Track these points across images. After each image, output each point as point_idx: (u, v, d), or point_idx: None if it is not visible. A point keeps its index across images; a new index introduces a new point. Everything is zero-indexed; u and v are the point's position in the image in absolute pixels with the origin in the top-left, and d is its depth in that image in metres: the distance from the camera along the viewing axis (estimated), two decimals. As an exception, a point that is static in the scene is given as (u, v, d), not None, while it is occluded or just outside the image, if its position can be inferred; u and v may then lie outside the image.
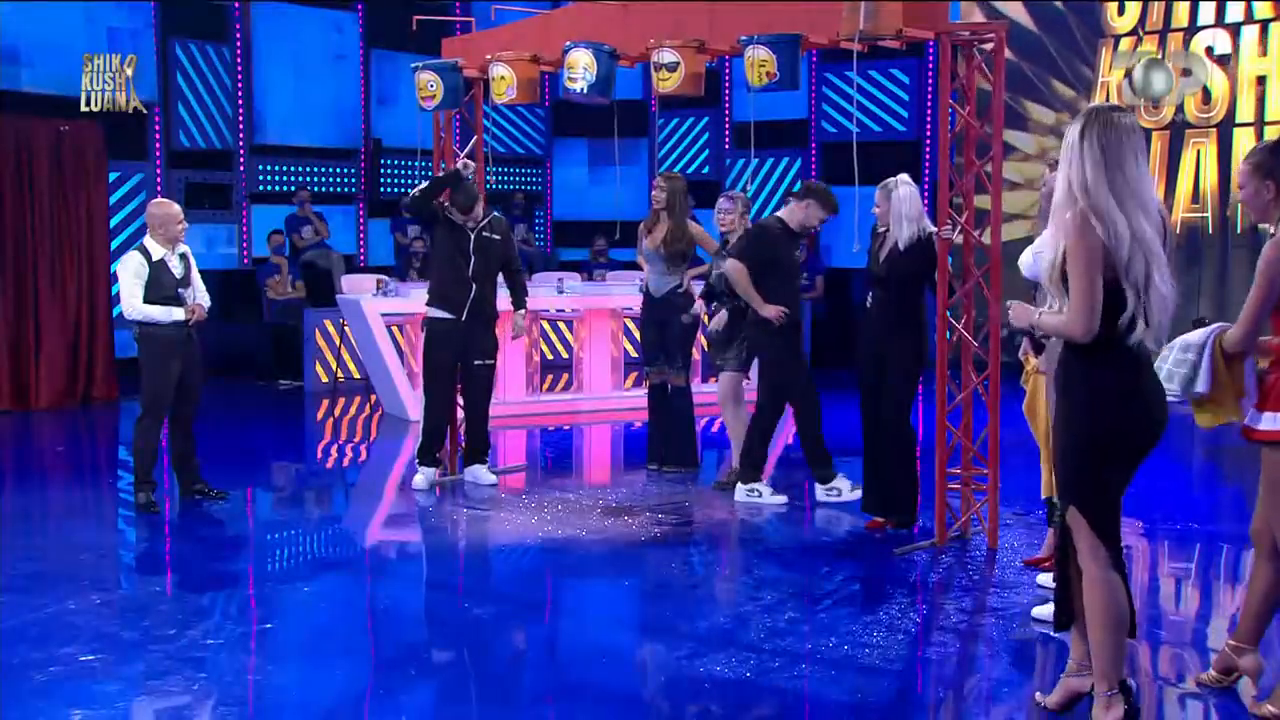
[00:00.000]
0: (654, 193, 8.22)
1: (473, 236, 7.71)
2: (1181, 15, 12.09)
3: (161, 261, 7.12)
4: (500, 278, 7.97)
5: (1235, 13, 11.55)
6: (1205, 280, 11.97)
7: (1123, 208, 3.70)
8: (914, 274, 6.58)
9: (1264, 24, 11.13)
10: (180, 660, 4.81)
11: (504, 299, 8.06)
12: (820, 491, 7.45)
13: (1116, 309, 3.71)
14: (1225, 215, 12.10)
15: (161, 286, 7.11)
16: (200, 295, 7.28)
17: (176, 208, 7.28)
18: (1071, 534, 3.93)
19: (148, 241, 7.18)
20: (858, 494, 7.12)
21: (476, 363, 7.80)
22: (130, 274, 7.08)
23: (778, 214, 7.47)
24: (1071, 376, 3.88)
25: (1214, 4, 11.78)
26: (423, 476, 7.82)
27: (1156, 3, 12.47)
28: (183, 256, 7.23)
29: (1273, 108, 11.63)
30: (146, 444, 7.18)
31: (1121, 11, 12.63)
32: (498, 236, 7.82)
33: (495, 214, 7.94)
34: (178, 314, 7.10)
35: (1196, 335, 4.16)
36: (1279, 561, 4.23)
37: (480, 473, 7.96)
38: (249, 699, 4.48)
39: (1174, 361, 4.18)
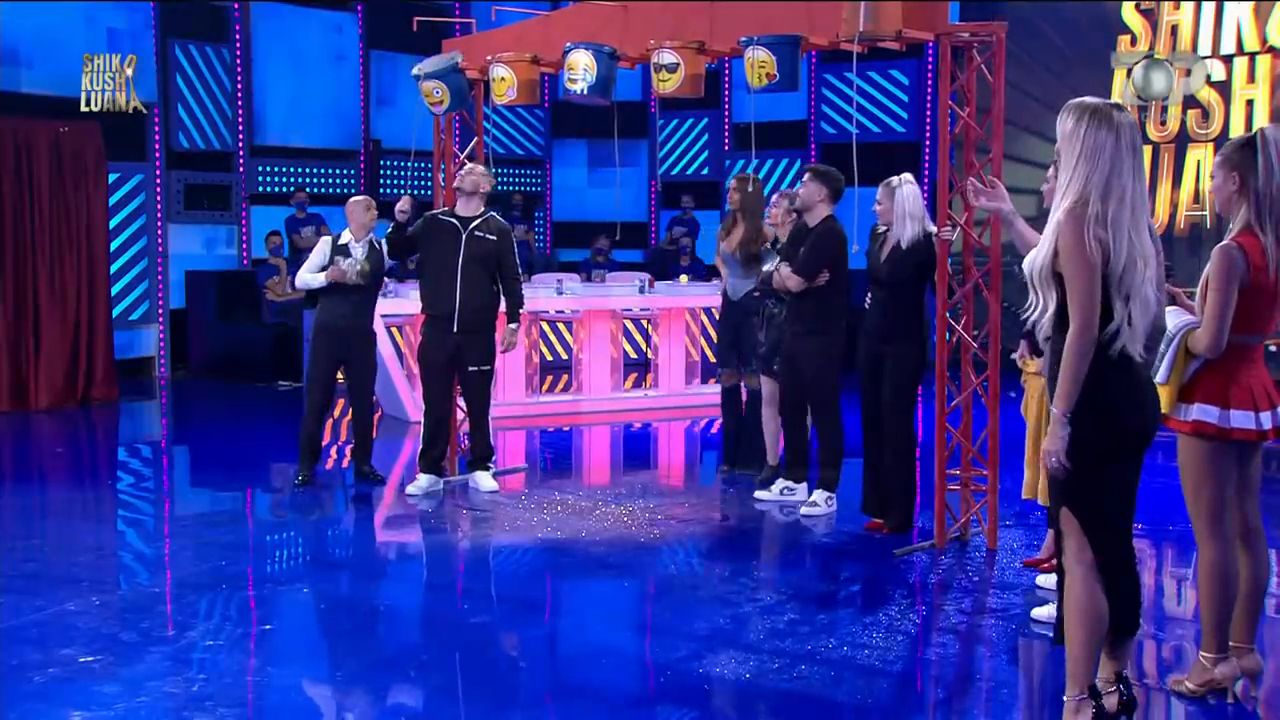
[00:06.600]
0: (729, 194, 8.20)
1: (464, 234, 7.52)
2: (1185, 45, 13.44)
3: (345, 246, 7.86)
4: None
5: (1228, 46, 13.17)
6: (1203, 267, 12.83)
7: (1120, 213, 3.64)
8: (915, 274, 6.58)
9: (1252, 56, 12.90)
10: (180, 660, 4.81)
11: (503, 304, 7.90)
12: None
13: (1106, 316, 3.65)
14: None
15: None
16: (353, 262, 7.79)
17: (363, 199, 8.05)
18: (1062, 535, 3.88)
19: (345, 231, 7.97)
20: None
21: (470, 369, 7.64)
22: (314, 250, 7.97)
23: None
24: None
25: (1211, 37, 13.23)
26: (417, 482, 7.78)
27: (1167, 13, 13.51)
28: (371, 244, 7.90)
29: (1259, 125, 12.82)
30: (303, 429, 7.99)
31: (1134, 43, 13.70)
32: (493, 237, 7.56)
33: (493, 214, 7.72)
34: (320, 278, 7.80)
35: (1171, 325, 4.23)
36: (1246, 555, 4.32)
37: (481, 479, 7.87)
38: (249, 699, 4.49)
39: None
